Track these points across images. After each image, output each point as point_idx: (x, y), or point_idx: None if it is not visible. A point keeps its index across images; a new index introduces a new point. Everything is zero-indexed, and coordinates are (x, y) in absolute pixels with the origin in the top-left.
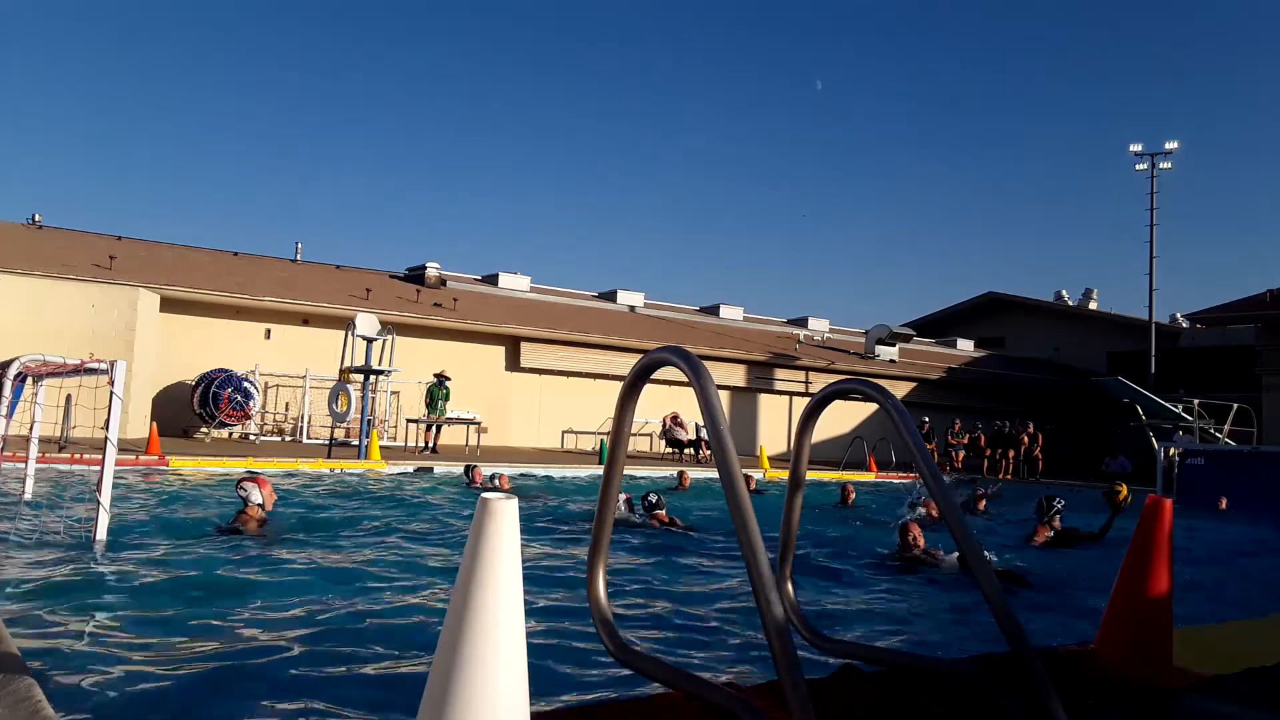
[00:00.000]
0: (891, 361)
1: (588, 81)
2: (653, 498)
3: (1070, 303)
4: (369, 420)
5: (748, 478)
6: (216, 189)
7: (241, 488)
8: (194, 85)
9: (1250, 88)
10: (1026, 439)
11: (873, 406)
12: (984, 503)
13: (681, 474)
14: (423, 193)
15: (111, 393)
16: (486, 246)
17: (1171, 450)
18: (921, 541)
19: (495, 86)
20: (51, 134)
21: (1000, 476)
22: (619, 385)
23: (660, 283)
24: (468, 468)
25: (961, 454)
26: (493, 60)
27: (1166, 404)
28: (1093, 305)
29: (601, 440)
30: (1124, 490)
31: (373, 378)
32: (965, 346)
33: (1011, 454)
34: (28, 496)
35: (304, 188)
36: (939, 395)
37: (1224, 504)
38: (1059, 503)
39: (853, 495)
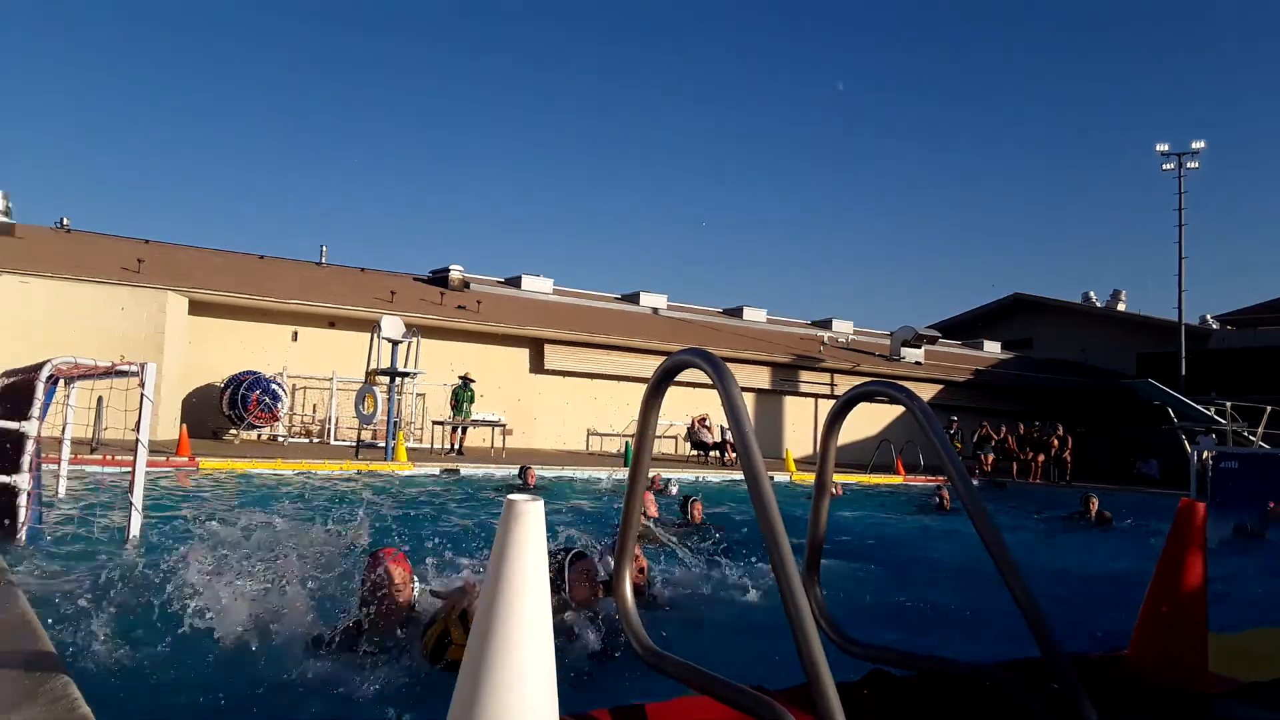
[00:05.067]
0: (917, 364)
1: (610, 84)
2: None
3: (1098, 304)
4: (395, 422)
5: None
6: (242, 193)
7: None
8: (220, 91)
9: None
10: (1056, 442)
11: (899, 409)
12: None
13: None
14: (446, 196)
15: (142, 395)
16: (509, 249)
17: (1205, 453)
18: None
19: (519, 90)
20: (80, 139)
21: (1030, 479)
22: (643, 387)
23: (683, 285)
24: (522, 469)
25: (990, 456)
26: (517, 64)
27: (1198, 406)
28: (1121, 306)
29: (626, 442)
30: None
31: (398, 380)
32: (992, 348)
33: (1041, 457)
34: (61, 497)
35: (328, 191)
36: (966, 397)
37: (1274, 506)
38: None
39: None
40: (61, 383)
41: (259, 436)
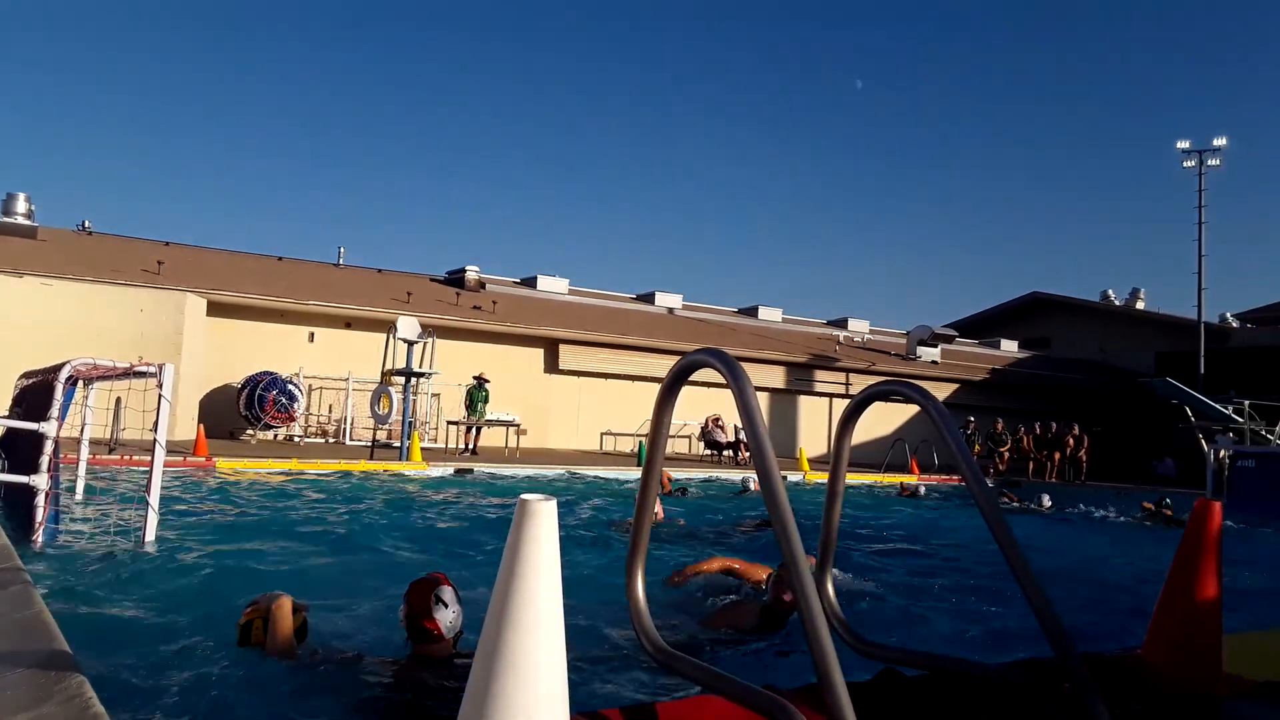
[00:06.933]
0: (934, 363)
1: (625, 83)
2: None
3: (1117, 302)
4: (410, 422)
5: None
6: (263, 196)
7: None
8: (239, 94)
9: None
10: (1071, 441)
11: (914, 408)
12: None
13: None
14: (463, 196)
15: (160, 395)
16: (526, 250)
17: (1222, 452)
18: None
19: (534, 91)
20: (102, 142)
21: (1045, 479)
22: (657, 387)
23: (699, 284)
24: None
25: (1006, 456)
26: (533, 64)
27: (1216, 405)
28: (1140, 305)
29: (640, 442)
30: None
31: (414, 380)
32: (1009, 347)
33: (1057, 456)
34: (78, 498)
35: (348, 193)
36: (982, 397)
37: None
38: None
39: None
40: (80, 384)
41: (275, 437)
